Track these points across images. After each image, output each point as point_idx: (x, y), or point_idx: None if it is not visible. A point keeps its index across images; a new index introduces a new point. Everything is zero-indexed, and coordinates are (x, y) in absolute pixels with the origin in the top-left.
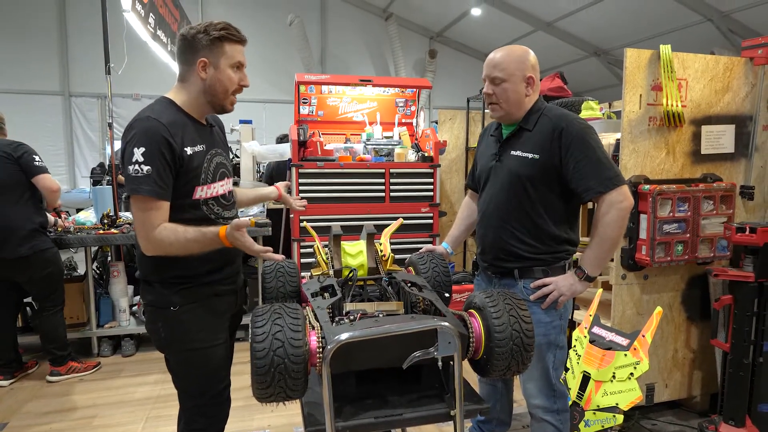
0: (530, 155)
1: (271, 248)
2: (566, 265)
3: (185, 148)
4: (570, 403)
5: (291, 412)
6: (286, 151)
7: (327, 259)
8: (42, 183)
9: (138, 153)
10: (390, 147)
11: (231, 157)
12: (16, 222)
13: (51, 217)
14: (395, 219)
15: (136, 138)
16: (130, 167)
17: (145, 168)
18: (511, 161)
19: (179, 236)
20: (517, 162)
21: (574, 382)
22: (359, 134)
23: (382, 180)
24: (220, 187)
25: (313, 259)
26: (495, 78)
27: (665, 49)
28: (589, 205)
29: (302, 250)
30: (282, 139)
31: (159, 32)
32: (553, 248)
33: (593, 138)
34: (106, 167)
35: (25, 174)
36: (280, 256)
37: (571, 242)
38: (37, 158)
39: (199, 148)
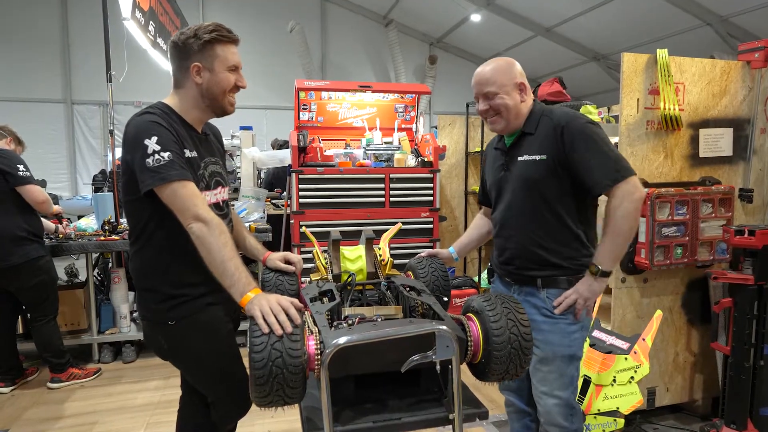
0: (537, 157)
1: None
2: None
3: (184, 149)
4: None
5: (291, 417)
6: (286, 157)
7: (326, 264)
8: (27, 195)
9: (152, 143)
10: (390, 152)
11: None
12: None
13: (51, 224)
14: (395, 224)
15: (142, 131)
16: (149, 159)
17: (165, 154)
18: (519, 167)
19: (226, 238)
20: (526, 166)
21: None
22: (359, 140)
23: (382, 185)
24: (213, 196)
25: (313, 264)
26: (488, 93)
27: (662, 53)
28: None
29: (302, 255)
30: (282, 145)
31: (159, 40)
32: (577, 251)
33: (596, 132)
34: (108, 174)
35: (8, 182)
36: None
37: (592, 243)
38: (21, 168)
39: (193, 153)
